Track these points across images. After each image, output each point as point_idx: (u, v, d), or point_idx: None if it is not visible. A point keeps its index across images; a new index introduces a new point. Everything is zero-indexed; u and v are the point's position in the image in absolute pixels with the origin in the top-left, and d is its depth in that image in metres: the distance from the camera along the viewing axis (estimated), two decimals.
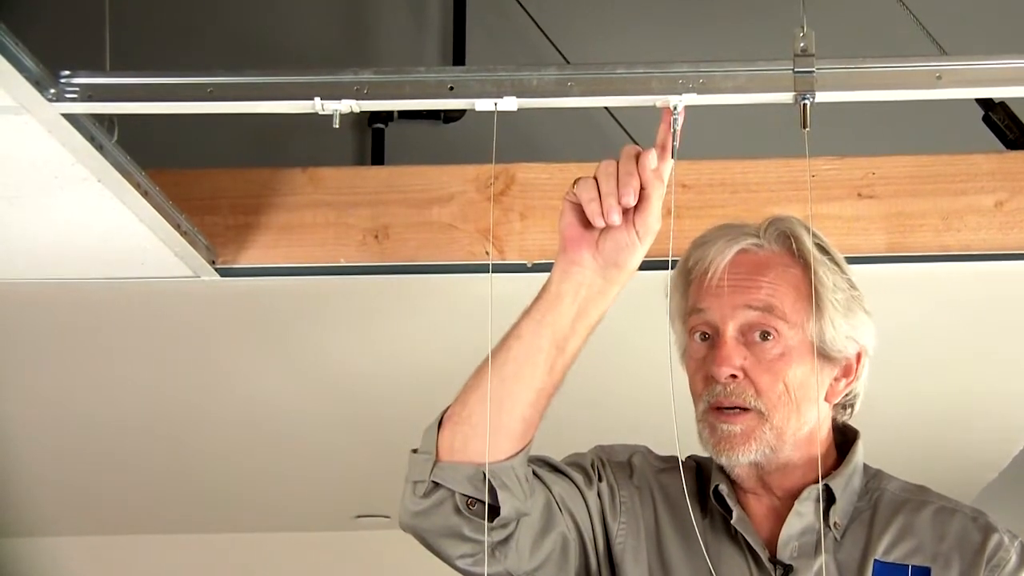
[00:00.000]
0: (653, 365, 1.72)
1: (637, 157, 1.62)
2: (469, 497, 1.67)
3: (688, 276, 1.80)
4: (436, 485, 1.68)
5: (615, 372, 2.81)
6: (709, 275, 1.76)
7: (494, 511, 1.68)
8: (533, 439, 1.70)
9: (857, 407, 1.84)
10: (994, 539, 1.74)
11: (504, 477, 1.66)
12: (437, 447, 1.68)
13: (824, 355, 1.75)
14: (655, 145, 1.65)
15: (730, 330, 1.74)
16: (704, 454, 1.85)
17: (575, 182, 1.64)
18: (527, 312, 1.68)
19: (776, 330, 1.74)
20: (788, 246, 1.78)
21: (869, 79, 1.66)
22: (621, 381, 2.83)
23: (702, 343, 1.77)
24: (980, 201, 2.27)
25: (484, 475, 1.65)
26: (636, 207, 1.63)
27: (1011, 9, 3.40)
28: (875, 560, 1.75)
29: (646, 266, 1.69)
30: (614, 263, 1.66)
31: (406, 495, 1.71)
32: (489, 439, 1.65)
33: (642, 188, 1.62)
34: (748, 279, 1.76)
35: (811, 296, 1.74)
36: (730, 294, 1.75)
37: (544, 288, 1.69)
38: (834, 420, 1.83)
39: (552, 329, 1.67)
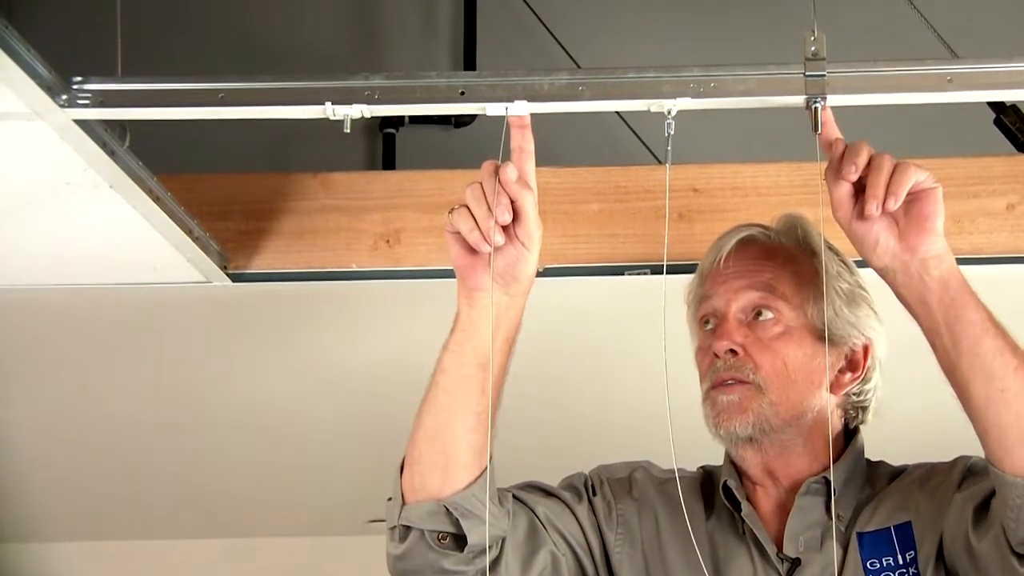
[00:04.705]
0: (655, 367, 1.73)
1: (498, 172, 1.62)
2: (438, 532, 1.70)
3: (703, 275, 1.84)
4: (407, 528, 1.71)
5: (616, 380, 2.81)
6: (717, 264, 1.81)
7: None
8: (491, 463, 1.72)
9: (870, 413, 1.84)
10: (962, 459, 1.76)
11: (467, 505, 1.69)
12: (402, 491, 1.72)
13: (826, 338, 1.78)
14: (512, 151, 1.65)
15: (732, 310, 1.78)
16: (716, 462, 1.86)
17: (450, 212, 1.65)
18: (446, 346, 1.70)
19: (777, 310, 1.77)
20: (795, 237, 1.82)
21: (880, 82, 1.66)
22: (623, 388, 2.82)
23: (708, 331, 1.81)
24: (991, 204, 2.27)
25: (446, 508, 1.68)
26: (513, 220, 1.63)
27: (1022, 11, 3.40)
28: (857, 532, 1.76)
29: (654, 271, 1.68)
30: (512, 278, 1.67)
31: (387, 543, 1.75)
32: (442, 473, 1.69)
33: (513, 201, 1.62)
34: (752, 264, 1.80)
35: (815, 283, 1.77)
36: (734, 279, 1.79)
37: (456, 319, 1.70)
38: (847, 425, 1.84)
39: (474, 355, 1.68)
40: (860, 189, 1.61)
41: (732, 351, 1.76)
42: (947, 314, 1.62)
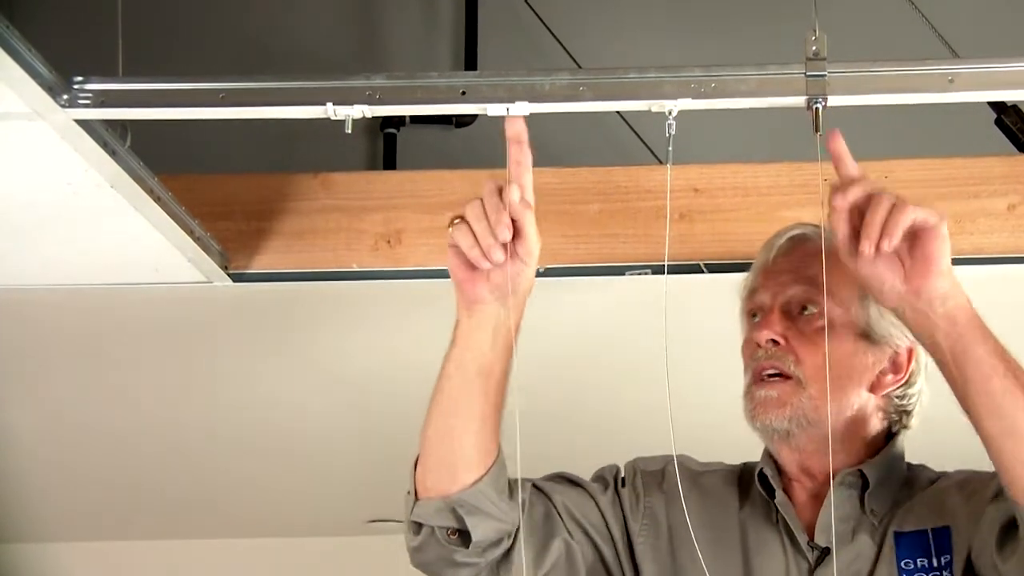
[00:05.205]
0: (656, 367, 1.73)
1: (501, 191, 1.63)
2: (447, 528, 1.74)
3: (755, 271, 1.86)
4: (419, 523, 1.75)
5: (616, 380, 2.81)
6: (768, 260, 1.83)
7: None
8: (499, 459, 1.74)
9: (914, 418, 1.85)
10: None
11: (472, 502, 1.72)
12: (415, 487, 1.76)
13: (868, 337, 1.79)
14: (509, 164, 1.64)
15: (778, 303, 1.80)
16: (753, 458, 1.88)
17: (450, 225, 1.67)
18: (448, 353, 1.73)
19: (821, 304, 1.78)
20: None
21: (881, 83, 1.66)
22: (624, 388, 2.82)
23: (754, 323, 1.83)
24: (992, 204, 2.27)
25: (452, 507, 1.72)
26: (513, 237, 1.64)
27: (1022, 11, 3.40)
28: (894, 532, 1.77)
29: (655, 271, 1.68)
30: (511, 291, 1.68)
31: (405, 535, 1.79)
32: (450, 473, 1.72)
33: (514, 220, 1.63)
34: (801, 260, 1.81)
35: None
36: (782, 274, 1.81)
37: (455, 328, 1.72)
38: (890, 429, 1.84)
39: (475, 363, 1.71)
40: None
41: (774, 341, 1.78)
42: (954, 349, 1.62)
